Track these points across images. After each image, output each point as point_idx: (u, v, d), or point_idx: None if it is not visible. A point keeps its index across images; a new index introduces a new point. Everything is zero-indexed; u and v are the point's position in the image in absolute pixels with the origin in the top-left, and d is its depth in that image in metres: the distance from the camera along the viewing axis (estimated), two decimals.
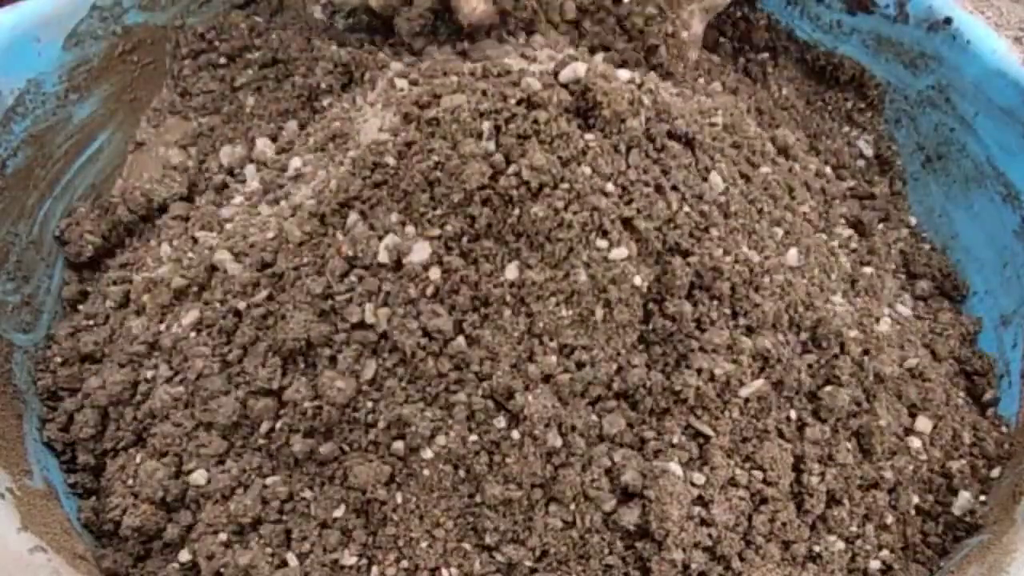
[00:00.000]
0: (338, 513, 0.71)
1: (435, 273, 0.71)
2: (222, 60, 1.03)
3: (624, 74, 0.78)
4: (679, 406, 0.73)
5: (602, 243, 0.72)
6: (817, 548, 0.74)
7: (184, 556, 0.72)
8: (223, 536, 0.71)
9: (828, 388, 0.78)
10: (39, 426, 0.81)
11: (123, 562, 0.73)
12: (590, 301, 0.72)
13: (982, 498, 0.79)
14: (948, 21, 0.97)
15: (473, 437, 0.70)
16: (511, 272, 0.72)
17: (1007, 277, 0.94)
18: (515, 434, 0.69)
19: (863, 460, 0.78)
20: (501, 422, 0.70)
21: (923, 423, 0.81)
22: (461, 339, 0.71)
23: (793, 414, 0.77)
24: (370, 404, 0.71)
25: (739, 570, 0.70)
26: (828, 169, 1.02)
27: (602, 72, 0.76)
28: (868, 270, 0.91)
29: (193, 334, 0.78)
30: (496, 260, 0.72)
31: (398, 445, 0.70)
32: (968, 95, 0.97)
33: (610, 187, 0.74)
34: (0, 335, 0.81)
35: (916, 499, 0.78)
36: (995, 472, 0.82)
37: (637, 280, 0.73)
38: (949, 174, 1.01)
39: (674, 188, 0.77)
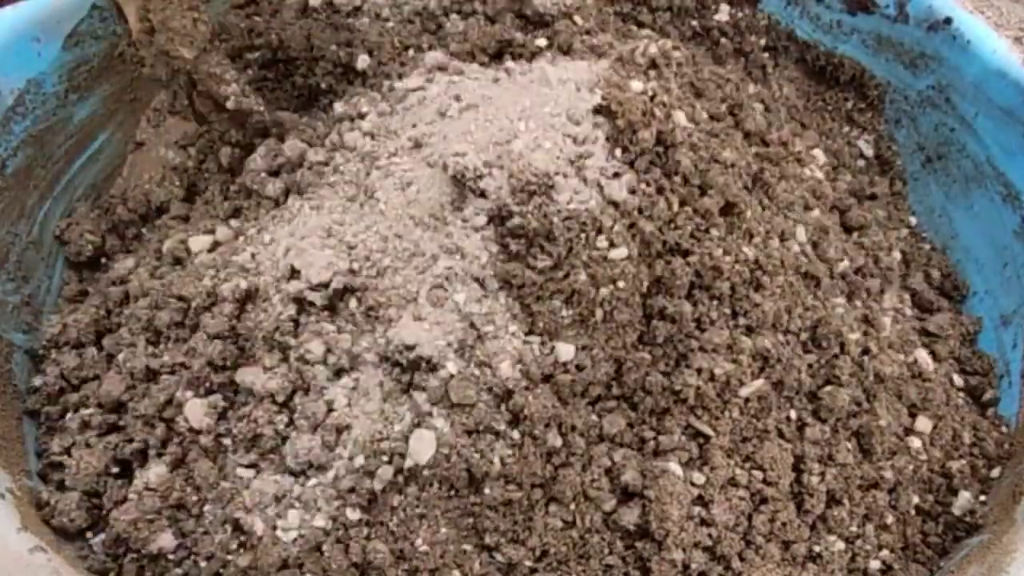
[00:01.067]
0: None
1: None
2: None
3: (637, 85, 0.78)
4: (679, 406, 0.73)
5: (602, 243, 0.72)
6: (817, 548, 0.74)
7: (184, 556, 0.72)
8: (223, 537, 0.71)
9: (828, 388, 0.78)
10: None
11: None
12: (590, 301, 0.72)
13: (982, 498, 0.79)
14: (948, 21, 0.97)
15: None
16: None
17: (1007, 277, 0.94)
18: (515, 434, 0.69)
19: (863, 460, 0.78)
20: (501, 422, 0.70)
21: (923, 423, 0.81)
22: None
23: (793, 414, 0.77)
24: None
25: (739, 570, 0.70)
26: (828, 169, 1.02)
27: (616, 83, 0.76)
28: None
29: None
30: None
31: None
32: (968, 95, 0.97)
33: None
34: (0, 335, 0.81)
35: (916, 499, 0.78)
36: (995, 472, 0.81)
37: (637, 280, 0.73)
38: (949, 174, 1.01)
39: (674, 190, 0.77)
